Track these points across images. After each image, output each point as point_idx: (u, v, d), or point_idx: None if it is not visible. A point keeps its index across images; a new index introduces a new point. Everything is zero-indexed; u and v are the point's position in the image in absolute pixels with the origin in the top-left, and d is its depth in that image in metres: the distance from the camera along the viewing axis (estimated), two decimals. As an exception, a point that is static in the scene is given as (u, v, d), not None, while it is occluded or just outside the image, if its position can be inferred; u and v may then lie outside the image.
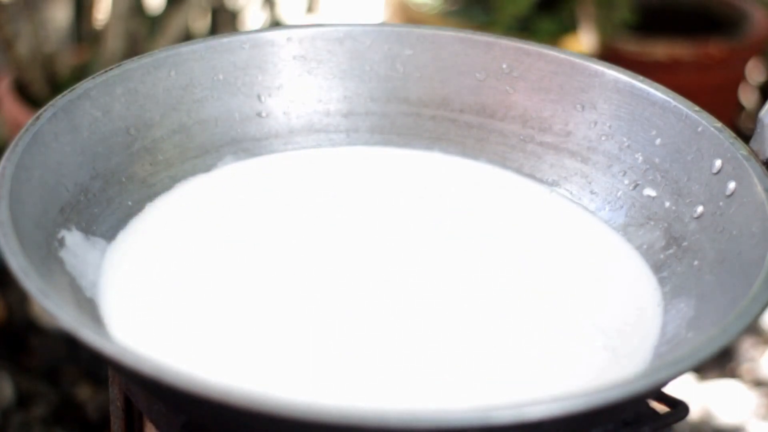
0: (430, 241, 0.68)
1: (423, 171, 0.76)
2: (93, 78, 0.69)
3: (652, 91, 0.71)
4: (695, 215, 0.67)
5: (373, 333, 0.61)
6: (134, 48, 1.49)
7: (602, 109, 0.73)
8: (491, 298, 0.64)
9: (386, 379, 0.58)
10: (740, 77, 1.87)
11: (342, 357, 0.59)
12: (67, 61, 1.55)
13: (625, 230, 0.70)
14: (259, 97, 0.76)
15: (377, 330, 0.61)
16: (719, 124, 0.68)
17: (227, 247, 0.67)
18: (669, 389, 0.60)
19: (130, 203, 0.69)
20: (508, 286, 0.65)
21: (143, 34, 1.54)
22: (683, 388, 1.42)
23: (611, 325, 0.63)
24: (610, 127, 0.73)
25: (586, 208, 0.72)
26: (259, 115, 0.76)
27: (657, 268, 0.67)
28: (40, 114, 0.65)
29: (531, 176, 0.75)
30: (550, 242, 0.70)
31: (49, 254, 0.60)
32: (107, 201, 0.68)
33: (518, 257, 0.68)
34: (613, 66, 0.74)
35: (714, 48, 1.77)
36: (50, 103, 0.66)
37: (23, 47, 1.51)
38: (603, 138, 0.73)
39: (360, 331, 0.61)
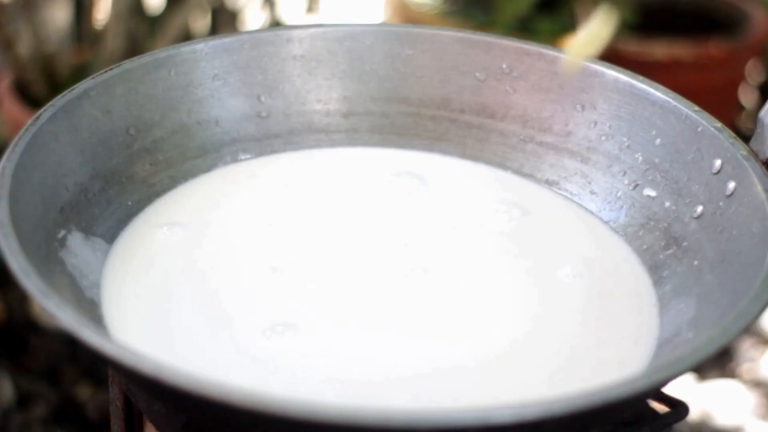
0: (430, 241, 0.68)
1: (423, 171, 0.76)
2: (93, 78, 0.69)
3: (652, 91, 0.71)
4: (695, 215, 0.67)
5: (373, 333, 0.61)
6: (134, 48, 1.49)
7: (602, 109, 0.73)
8: (491, 297, 0.64)
9: (386, 379, 0.58)
10: (740, 77, 1.87)
11: (342, 356, 0.59)
12: (67, 61, 1.55)
13: (624, 230, 0.70)
14: (259, 97, 0.76)
15: (377, 330, 0.61)
16: (719, 124, 0.68)
17: (227, 247, 0.67)
18: (669, 389, 0.60)
19: (130, 203, 0.69)
20: (508, 286, 0.65)
21: (143, 34, 1.54)
22: (683, 388, 1.42)
23: (610, 325, 0.63)
24: (610, 127, 0.73)
25: (585, 209, 0.72)
26: (259, 115, 0.76)
27: (657, 268, 0.67)
28: (40, 114, 0.65)
29: (531, 176, 0.75)
30: (550, 242, 0.70)
31: (49, 254, 0.60)
32: (107, 201, 0.68)
33: (518, 257, 0.68)
34: (613, 66, 0.74)
35: (714, 48, 1.77)
36: (50, 103, 0.66)
37: (23, 47, 1.51)
38: (603, 138, 0.73)
39: (360, 331, 0.61)
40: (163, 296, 0.63)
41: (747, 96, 1.94)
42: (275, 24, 1.70)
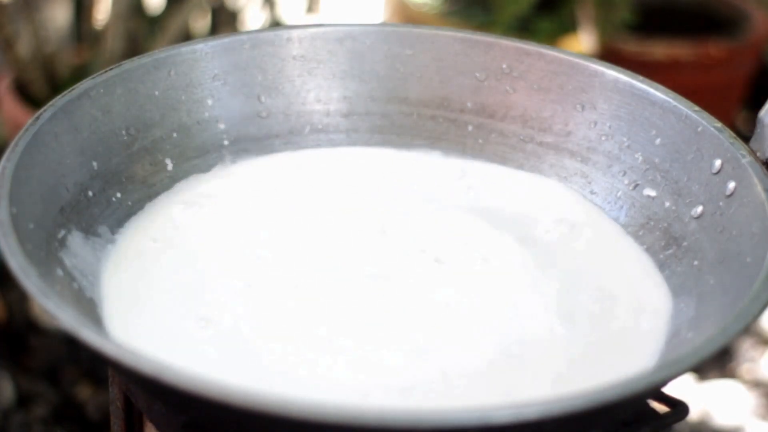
0: (430, 241, 0.68)
1: (423, 171, 0.76)
2: (93, 78, 0.69)
3: (652, 91, 0.71)
4: (695, 215, 0.67)
5: (373, 334, 0.61)
6: (134, 48, 1.49)
7: (602, 109, 0.73)
8: (492, 296, 0.64)
9: (389, 379, 0.58)
10: (740, 77, 1.87)
11: (341, 356, 0.59)
12: (67, 61, 1.55)
13: (625, 230, 0.70)
14: (259, 97, 0.76)
15: (378, 331, 0.61)
16: (719, 124, 0.68)
17: (226, 247, 0.67)
18: (669, 389, 0.60)
19: (130, 203, 0.69)
20: (508, 286, 0.65)
21: (143, 34, 1.54)
22: (683, 388, 1.42)
23: (610, 325, 0.63)
24: (610, 127, 0.73)
25: (585, 208, 0.72)
26: (259, 115, 0.76)
27: (657, 267, 0.67)
28: (40, 114, 0.65)
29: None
30: (550, 242, 0.70)
31: (49, 254, 0.60)
32: (107, 201, 0.68)
33: (518, 257, 0.68)
34: (613, 66, 0.74)
35: (714, 48, 1.77)
36: (50, 103, 0.66)
37: (23, 47, 1.51)
38: (603, 138, 0.73)
39: (360, 331, 0.61)
40: (162, 296, 0.63)
41: (747, 96, 1.94)
42: (275, 24, 1.70)
